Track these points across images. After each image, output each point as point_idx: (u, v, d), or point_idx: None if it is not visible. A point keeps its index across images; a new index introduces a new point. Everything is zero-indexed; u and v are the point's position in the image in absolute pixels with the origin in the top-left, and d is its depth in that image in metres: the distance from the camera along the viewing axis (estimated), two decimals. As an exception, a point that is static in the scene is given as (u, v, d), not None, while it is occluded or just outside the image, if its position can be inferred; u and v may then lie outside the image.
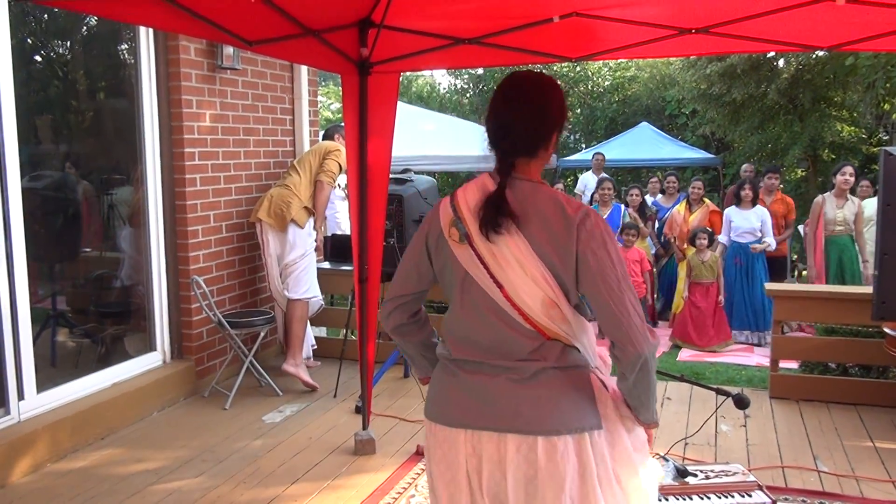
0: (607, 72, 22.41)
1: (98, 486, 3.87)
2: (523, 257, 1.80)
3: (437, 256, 1.95)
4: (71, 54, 5.04)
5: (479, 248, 1.84)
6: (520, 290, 1.81)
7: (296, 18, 3.35)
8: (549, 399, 1.82)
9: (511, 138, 1.87)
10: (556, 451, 1.78)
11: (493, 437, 1.82)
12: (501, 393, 1.83)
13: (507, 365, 1.85)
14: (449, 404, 1.91)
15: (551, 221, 1.80)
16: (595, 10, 3.37)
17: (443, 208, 1.94)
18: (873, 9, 3.06)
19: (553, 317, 1.83)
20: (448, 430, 1.89)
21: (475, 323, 1.89)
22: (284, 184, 5.46)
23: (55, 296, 4.81)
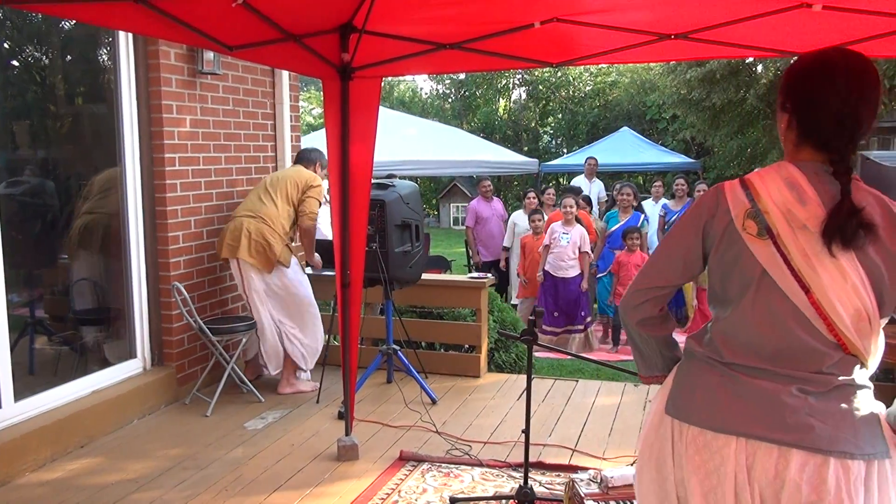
0: (588, 77, 22.56)
1: (77, 495, 3.82)
2: (845, 262, 1.61)
3: (721, 248, 1.73)
4: (49, 59, 5.00)
5: (786, 246, 1.64)
6: (833, 297, 1.61)
7: (277, 23, 3.35)
8: (846, 417, 1.63)
9: (852, 133, 1.68)
10: (849, 476, 1.60)
11: (773, 451, 1.63)
12: (791, 404, 1.64)
13: (800, 375, 1.66)
14: (718, 408, 1.70)
15: (878, 225, 1.62)
16: (575, 16, 3.39)
17: (732, 196, 1.72)
18: (850, 15, 3.10)
19: (861, 330, 1.64)
20: (711, 436, 1.69)
21: (765, 327, 1.69)
22: (259, 215, 5.14)
23: (33, 303, 4.76)
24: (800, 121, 1.73)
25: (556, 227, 7.47)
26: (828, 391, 1.65)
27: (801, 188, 1.67)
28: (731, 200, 1.72)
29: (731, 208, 1.71)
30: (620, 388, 5.57)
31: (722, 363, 1.74)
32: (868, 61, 1.71)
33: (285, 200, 5.28)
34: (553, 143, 23.27)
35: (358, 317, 4.28)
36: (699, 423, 1.72)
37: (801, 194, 1.66)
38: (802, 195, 1.66)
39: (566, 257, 7.37)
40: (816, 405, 1.64)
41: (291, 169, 5.50)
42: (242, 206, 5.32)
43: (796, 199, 1.66)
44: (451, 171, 13.37)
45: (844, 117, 1.67)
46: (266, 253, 5.14)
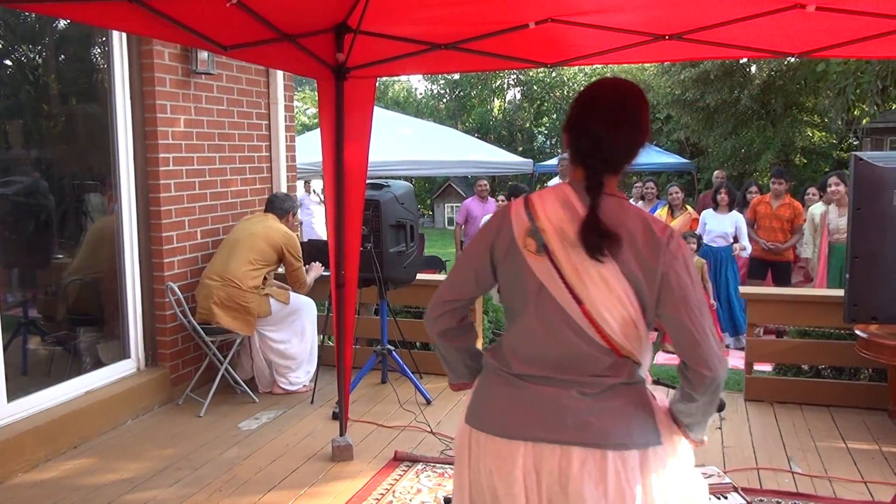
0: (583, 77, 22.59)
1: (70, 496, 3.81)
2: (609, 275, 1.75)
3: (505, 265, 1.87)
4: (43, 59, 4.98)
5: (559, 261, 1.78)
6: (601, 307, 1.76)
7: (271, 23, 3.34)
8: (618, 413, 1.79)
9: (605, 155, 1.80)
10: (626, 465, 1.75)
11: (556, 451, 1.77)
12: (571, 406, 1.78)
13: (579, 380, 1.80)
14: (506, 415, 1.84)
15: (639, 241, 1.76)
16: (570, 17, 3.40)
17: (516, 215, 1.85)
18: (843, 16, 3.11)
19: (629, 335, 1.80)
20: (503, 443, 1.82)
21: (546, 337, 1.82)
22: (227, 278, 4.96)
23: (26, 303, 4.74)
24: (570, 143, 1.87)
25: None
26: (603, 391, 1.80)
27: (573, 207, 1.80)
28: (514, 220, 1.85)
29: (514, 227, 1.84)
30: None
31: (511, 374, 1.87)
32: (631, 92, 1.85)
33: (258, 259, 5.09)
34: (547, 143, 23.30)
35: (352, 317, 4.27)
36: (491, 431, 1.85)
37: (573, 213, 1.79)
38: (574, 214, 1.79)
39: None
40: (594, 405, 1.79)
41: (261, 224, 5.26)
42: (211, 267, 5.13)
43: (569, 217, 1.79)
44: (445, 172, 13.38)
45: (599, 140, 1.79)
46: (244, 315, 5.03)
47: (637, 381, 1.85)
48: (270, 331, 5.28)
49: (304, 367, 5.46)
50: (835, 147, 16.70)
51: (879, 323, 4.15)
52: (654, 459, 1.80)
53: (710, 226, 7.54)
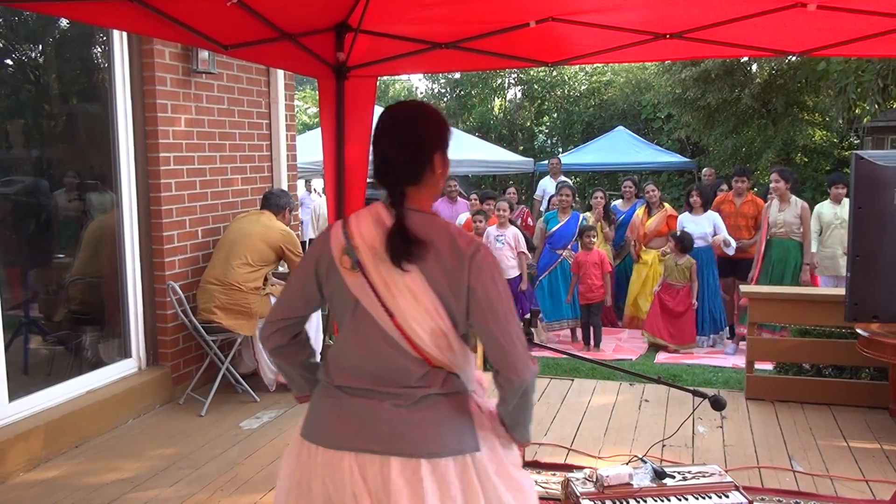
0: (583, 76, 22.55)
1: (72, 495, 3.81)
2: (416, 288, 1.84)
3: (328, 283, 1.96)
4: (43, 58, 4.98)
5: (371, 276, 1.86)
6: (410, 319, 1.84)
7: (272, 22, 3.34)
8: (431, 423, 1.87)
9: (393, 172, 1.91)
10: (437, 473, 1.82)
11: (377, 460, 1.84)
12: (385, 417, 1.86)
13: (393, 391, 1.88)
14: (332, 427, 1.91)
15: (444, 254, 1.84)
16: (571, 16, 3.39)
17: (334, 235, 1.95)
18: (844, 14, 3.11)
19: (441, 346, 1.88)
20: (332, 453, 1.89)
21: (363, 350, 1.91)
22: (227, 282, 4.97)
23: (27, 302, 4.74)
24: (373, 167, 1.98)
25: (491, 231, 7.52)
26: (416, 402, 1.87)
27: (383, 223, 1.89)
28: (333, 240, 1.95)
29: (332, 247, 1.94)
30: (616, 387, 5.57)
31: (333, 386, 1.95)
32: (417, 113, 1.96)
33: (256, 260, 5.06)
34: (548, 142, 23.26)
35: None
36: (321, 443, 1.91)
37: (383, 228, 1.88)
38: (384, 229, 1.88)
39: (507, 259, 7.42)
40: (407, 416, 1.86)
41: (257, 223, 5.21)
42: (210, 270, 5.13)
43: (380, 234, 1.88)
44: (446, 171, 13.33)
45: (385, 160, 1.92)
46: (246, 317, 5.02)
47: (455, 392, 1.93)
48: None
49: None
50: (836, 146, 16.67)
51: (880, 322, 4.15)
52: (474, 465, 1.87)
53: (687, 229, 7.59)
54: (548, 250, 7.82)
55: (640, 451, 4.08)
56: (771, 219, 7.07)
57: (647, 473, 3.11)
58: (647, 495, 3.02)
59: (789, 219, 6.98)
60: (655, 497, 3.02)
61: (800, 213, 7.02)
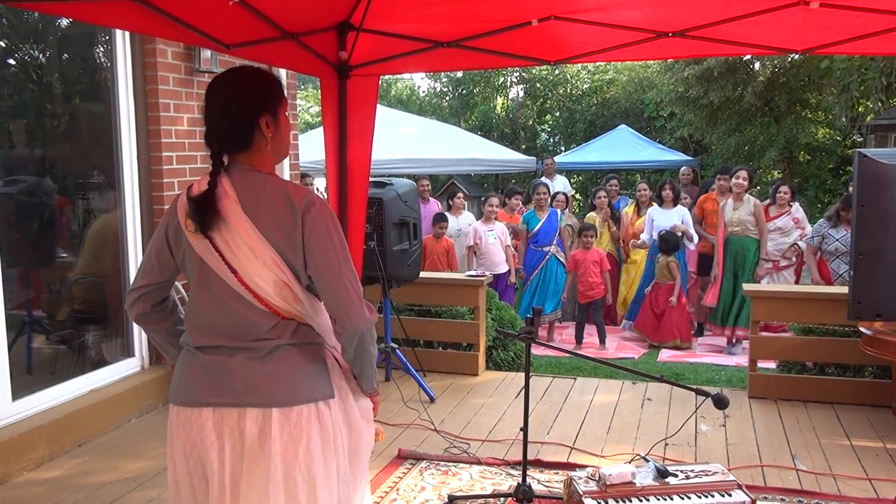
0: (586, 75, 22.53)
1: (75, 494, 3.82)
2: (254, 243, 1.92)
3: (177, 247, 2.04)
4: (46, 58, 4.98)
5: (214, 237, 1.94)
6: (252, 273, 1.93)
7: (274, 21, 3.34)
8: (283, 373, 1.94)
9: (216, 137, 1.99)
10: (289, 421, 1.91)
11: (234, 413, 1.92)
12: (239, 370, 1.94)
13: (245, 345, 1.95)
14: (190, 386, 1.99)
15: (279, 210, 1.93)
16: (573, 14, 3.39)
17: (180, 201, 2.02)
18: (847, 12, 3.10)
19: (286, 297, 1.96)
20: (191, 411, 1.96)
21: (213, 308, 1.98)
22: None
23: (31, 302, 4.75)
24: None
25: (479, 227, 7.60)
26: (267, 354, 1.95)
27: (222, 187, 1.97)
28: (179, 205, 2.03)
29: (178, 212, 2.02)
30: (618, 385, 5.57)
31: (193, 347, 2.02)
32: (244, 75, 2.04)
33: None
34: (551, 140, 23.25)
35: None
36: (181, 402, 1.99)
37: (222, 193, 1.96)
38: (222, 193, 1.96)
39: (498, 252, 7.50)
40: (259, 367, 1.94)
41: None
42: None
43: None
44: (448, 170, 13.36)
45: (212, 126, 2.00)
46: None
47: (307, 343, 2.01)
48: None
49: None
50: (839, 144, 16.65)
51: (884, 320, 4.14)
52: (330, 411, 1.98)
53: (657, 222, 7.67)
54: (532, 249, 7.84)
55: (643, 449, 4.08)
56: (727, 217, 7.13)
57: (650, 472, 3.11)
58: (649, 494, 3.02)
59: (744, 217, 7.05)
60: (658, 496, 3.02)
61: (753, 211, 7.07)
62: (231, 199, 1.95)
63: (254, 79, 2.03)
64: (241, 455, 1.92)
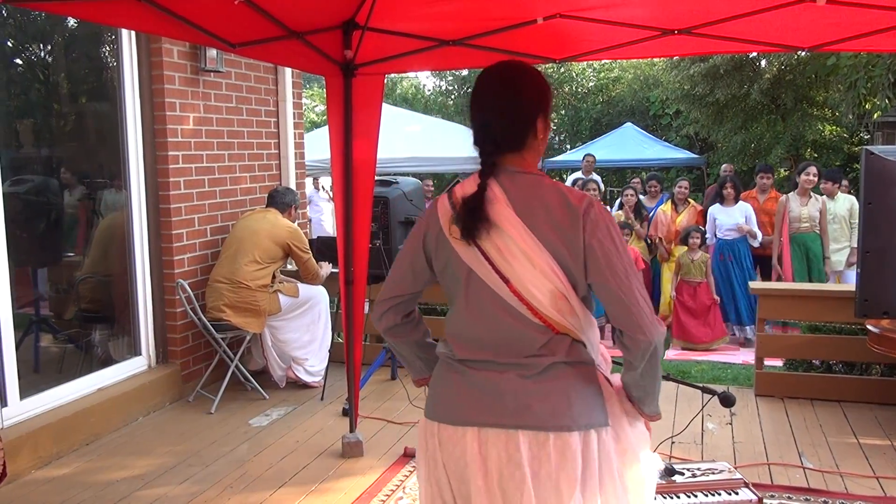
0: (591, 73, 22.51)
1: (83, 493, 3.83)
2: (530, 250, 1.77)
3: (438, 256, 1.90)
4: (52, 57, 5.00)
5: (483, 244, 1.80)
6: (528, 283, 1.78)
7: (279, 20, 3.34)
8: (559, 394, 1.78)
9: (491, 138, 1.85)
10: (567, 448, 1.75)
11: (502, 435, 1.77)
12: (510, 389, 1.79)
13: (517, 361, 1.81)
14: (454, 403, 1.86)
15: (556, 213, 1.78)
16: (578, 12, 3.38)
17: (441, 206, 1.89)
18: (854, 9, 3.09)
19: (562, 309, 1.80)
20: (454, 430, 1.83)
21: (481, 321, 1.84)
22: (236, 280, 4.97)
23: (38, 301, 4.77)
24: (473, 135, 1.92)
25: None
26: (542, 372, 1.80)
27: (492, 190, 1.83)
28: (440, 210, 1.89)
29: (440, 218, 1.88)
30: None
31: (455, 361, 1.89)
32: (521, 73, 1.91)
33: (263, 257, 5.07)
34: (556, 139, 23.24)
35: (362, 314, 4.28)
36: (443, 420, 1.87)
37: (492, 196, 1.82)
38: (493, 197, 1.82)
39: None
40: (533, 386, 1.79)
41: (264, 221, 5.20)
42: (218, 269, 5.12)
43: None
44: (454, 168, 13.35)
45: (485, 125, 1.87)
46: (255, 315, 5.04)
47: (581, 362, 1.85)
48: (282, 325, 5.29)
49: (318, 355, 5.46)
50: (846, 141, 16.60)
51: (891, 318, 4.13)
52: (600, 441, 1.80)
53: (720, 220, 7.54)
54: None
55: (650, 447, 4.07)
56: (794, 213, 7.06)
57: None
58: (656, 492, 3.02)
59: (814, 213, 7.02)
60: (665, 494, 3.02)
61: (820, 208, 7.03)
62: (502, 202, 1.80)
63: (532, 77, 1.90)
64: (509, 480, 1.76)
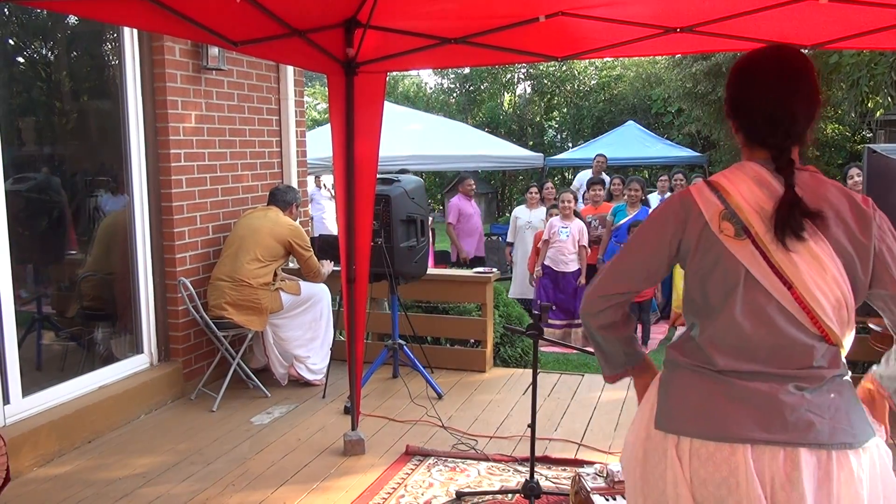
0: (593, 71, 22.49)
1: (85, 490, 3.84)
2: (823, 254, 1.63)
3: (702, 255, 1.71)
4: (54, 55, 5.00)
5: (764, 243, 1.65)
6: (815, 290, 1.63)
7: (281, 18, 3.34)
8: (841, 408, 1.66)
9: (789, 128, 1.70)
10: (851, 465, 1.63)
11: (779, 453, 1.62)
12: (788, 402, 1.64)
13: (793, 373, 1.67)
14: (717, 417, 1.68)
15: (846, 216, 1.66)
16: (581, 10, 3.38)
17: (702, 199, 1.71)
18: (856, 7, 3.08)
19: (843, 319, 1.67)
20: (717, 447, 1.66)
21: (754, 328, 1.68)
22: (238, 278, 4.97)
23: (40, 298, 4.77)
24: (740, 123, 1.78)
25: (556, 222, 7.52)
26: (821, 385, 1.67)
27: (769, 185, 1.69)
28: (702, 204, 1.71)
29: (703, 211, 1.70)
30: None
31: (714, 371, 1.72)
32: (799, 57, 1.75)
33: (265, 255, 5.07)
34: (558, 137, 23.23)
35: (363, 312, 4.28)
36: (700, 435, 1.69)
37: (772, 191, 1.68)
38: (773, 192, 1.68)
39: (566, 251, 7.41)
40: (813, 400, 1.65)
41: (265, 219, 5.22)
42: (220, 267, 5.13)
43: (767, 195, 1.68)
44: (455, 166, 13.36)
45: (774, 115, 1.71)
46: (257, 313, 5.05)
47: (847, 373, 1.74)
48: (284, 323, 5.29)
49: (320, 353, 5.47)
50: (848, 139, 16.58)
51: None
52: (873, 454, 1.69)
53: None
54: (613, 243, 7.73)
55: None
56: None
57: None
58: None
59: None
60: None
61: None
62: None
63: (813, 67, 1.75)
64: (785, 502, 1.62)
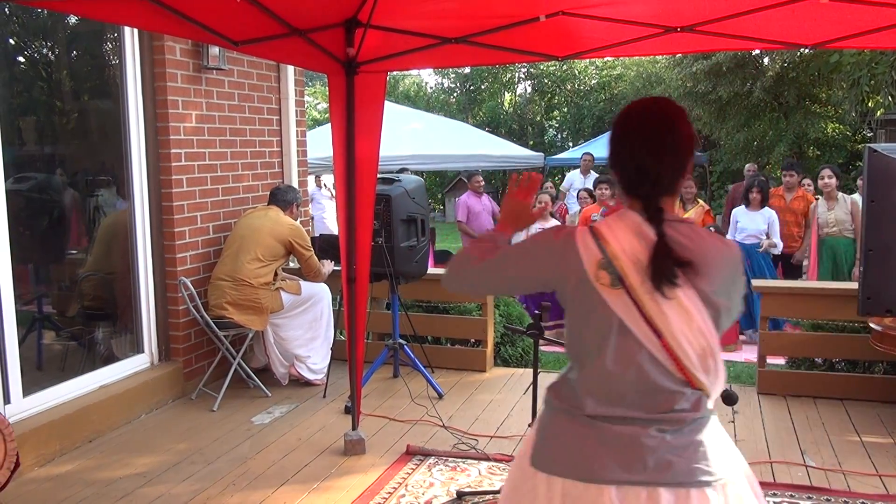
0: (594, 70, 22.50)
1: (85, 490, 3.84)
2: (691, 305, 1.68)
3: (578, 302, 1.77)
4: (55, 55, 5.00)
5: (637, 293, 1.68)
6: (682, 339, 1.68)
7: (282, 18, 3.34)
8: (698, 449, 1.72)
9: (655, 183, 1.75)
10: (710, 502, 1.69)
11: (642, 493, 1.68)
12: (650, 445, 1.71)
13: (656, 417, 1.73)
14: (586, 459, 1.73)
15: (721, 267, 1.72)
16: (581, 9, 3.38)
17: (584, 246, 1.73)
18: (857, 6, 3.08)
19: (707, 367, 1.73)
20: (586, 487, 1.71)
21: (623, 374, 1.73)
22: (239, 278, 4.98)
23: (41, 298, 4.78)
24: (618, 175, 1.82)
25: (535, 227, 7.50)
26: (681, 427, 1.73)
27: (645, 235, 1.71)
28: (582, 251, 1.73)
29: (583, 259, 1.73)
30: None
31: (584, 415, 1.76)
32: (670, 110, 1.78)
33: (265, 254, 5.08)
34: (558, 136, 23.25)
35: (364, 312, 4.28)
36: (570, 476, 1.74)
37: (647, 241, 1.70)
38: (648, 241, 1.70)
39: None
40: (672, 442, 1.71)
41: (266, 218, 5.22)
42: (220, 267, 5.14)
43: (644, 246, 1.70)
44: (456, 166, 13.38)
45: (641, 167, 1.74)
46: (258, 313, 5.05)
47: (708, 415, 1.79)
48: (284, 323, 5.30)
49: (320, 352, 5.47)
50: (849, 139, 16.59)
51: (894, 316, 4.12)
52: (737, 488, 1.76)
53: (742, 224, 7.46)
54: None
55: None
56: (821, 219, 6.99)
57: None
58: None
59: (841, 216, 6.94)
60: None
61: (851, 210, 6.96)
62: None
63: (685, 118, 1.79)
64: None
